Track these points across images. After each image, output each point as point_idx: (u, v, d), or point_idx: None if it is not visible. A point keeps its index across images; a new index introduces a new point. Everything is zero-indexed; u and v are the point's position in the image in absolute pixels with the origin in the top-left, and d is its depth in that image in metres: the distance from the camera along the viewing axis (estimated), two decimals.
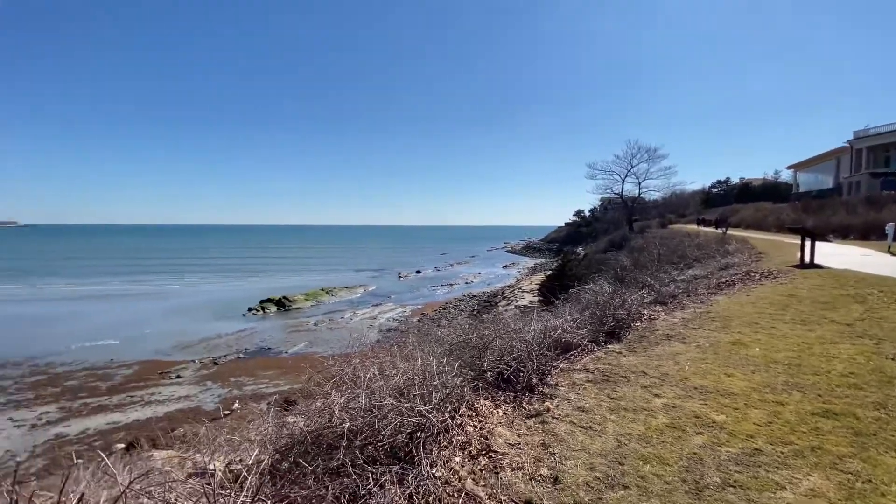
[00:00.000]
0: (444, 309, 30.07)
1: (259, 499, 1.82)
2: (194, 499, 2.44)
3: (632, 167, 47.60)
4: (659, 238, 25.78)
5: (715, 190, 63.40)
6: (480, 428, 4.09)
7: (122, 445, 11.81)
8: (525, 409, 4.52)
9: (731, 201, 52.52)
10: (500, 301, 30.31)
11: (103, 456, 2.46)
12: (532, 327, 5.72)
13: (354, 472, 3.16)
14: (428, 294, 38.30)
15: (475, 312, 27.27)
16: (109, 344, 22.23)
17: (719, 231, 27.01)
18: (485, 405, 4.48)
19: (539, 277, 38.36)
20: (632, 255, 20.05)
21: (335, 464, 3.31)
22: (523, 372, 5.00)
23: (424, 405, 3.84)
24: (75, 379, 17.38)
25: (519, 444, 3.78)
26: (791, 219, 27.32)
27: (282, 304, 32.12)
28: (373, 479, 3.11)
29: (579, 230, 74.45)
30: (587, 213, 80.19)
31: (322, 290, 37.43)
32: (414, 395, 3.99)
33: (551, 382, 5.05)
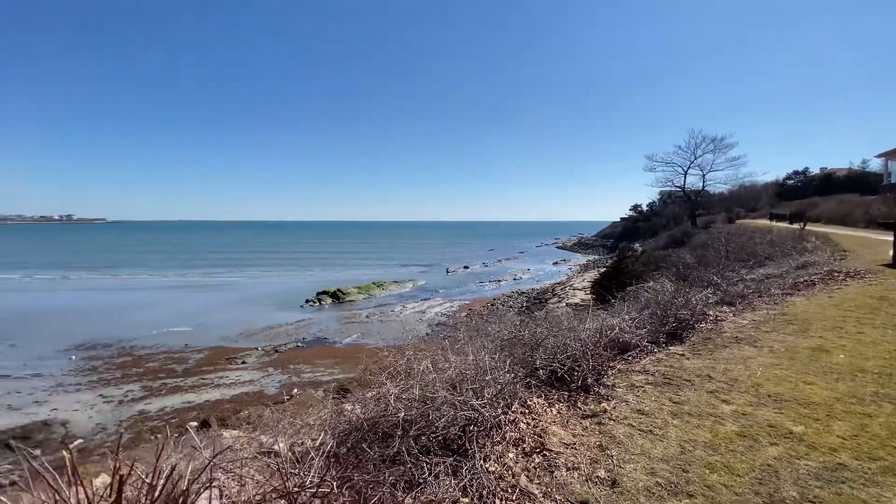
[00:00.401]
0: (492, 305, 29.93)
1: (326, 479, 1.91)
2: (266, 475, 2.63)
3: (695, 158, 44.55)
4: (725, 234, 24.02)
5: (791, 181, 57.99)
6: (534, 426, 4.05)
7: (195, 424, 12.85)
8: (580, 409, 4.41)
9: (809, 194, 47.83)
10: (550, 298, 29.70)
11: (191, 431, 2.70)
12: (587, 326, 5.56)
13: (410, 461, 3.25)
14: (476, 290, 38.30)
15: (524, 309, 26.94)
16: (184, 330, 24.27)
17: (795, 226, 24.72)
18: (538, 403, 4.42)
19: (592, 275, 37.16)
20: (695, 252, 18.86)
21: (391, 451, 3.41)
22: (578, 371, 4.88)
23: (477, 400, 3.86)
24: (155, 361, 19.15)
25: (574, 444, 3.70)
26: (882, 212, 24.46)
27: (336, 296, 33.46)
28: (427, 468, 3.18)
29: (636, 225, 70.99)
30: (645, 208, 76.29)
31: (373, 283, 38.54)
32: (466, 389, 4.02)
33: (608, 383, 4.89)
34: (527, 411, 4.29)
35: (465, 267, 55.19)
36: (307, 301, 32.43)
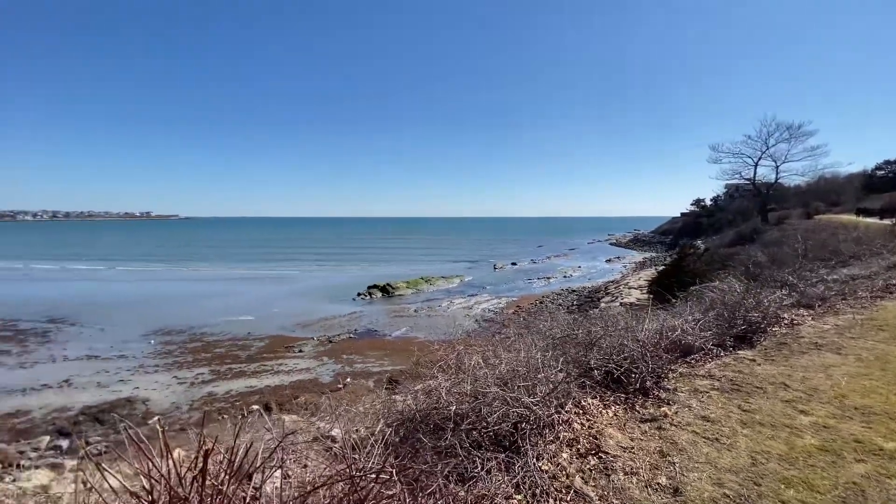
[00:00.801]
0: (541, 303, 29.39)
1: (385, 467, 1.98)
2: (326, 459, 2.76)
3: (767, 148, 40.88)
4: (802, 230, 21.98)
5: (881, 172, 51.84)
6: (589, 427, 3.94)
7: (257, 407, 13.72)
8: (638, 412, 4.25)
9: None
10: (602, 297, 28.68)
11: (264, 414, 2.88)
12: (645, 326, 5.32)
13: (462, 454, 3.28)
14: (524, 286, 37.78)
15: (574, 308, 26.23)
16: (247, 319, 25.93)
17: (887, 222, 22.13)
18: (593, 404, 4.30)
19: (649, 273, 35.45)
20: (767, 250, 17.42)
21: (443, 444, 3.46)
22: (635, 373, 4.69)
23: (529, 397, 3.82)
24: (222, 347, 20.63)
25: (632, 448, 3.56)
26: None
27: (386, 290, 34.32)
28: (480, 463, 3.19)
29: (698, 221, 66.59)
30: (708, 203, 71.31)
31: (421, 278, 39.11)
32: (518, 387, 3.98)
33: (668, 387, 4.66)
34: (581, 412, 4.19)
35: (513, 263, 54.56)
36: (358, 294, 33.51)
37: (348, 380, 16.05)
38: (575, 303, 28.73)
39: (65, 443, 11.94)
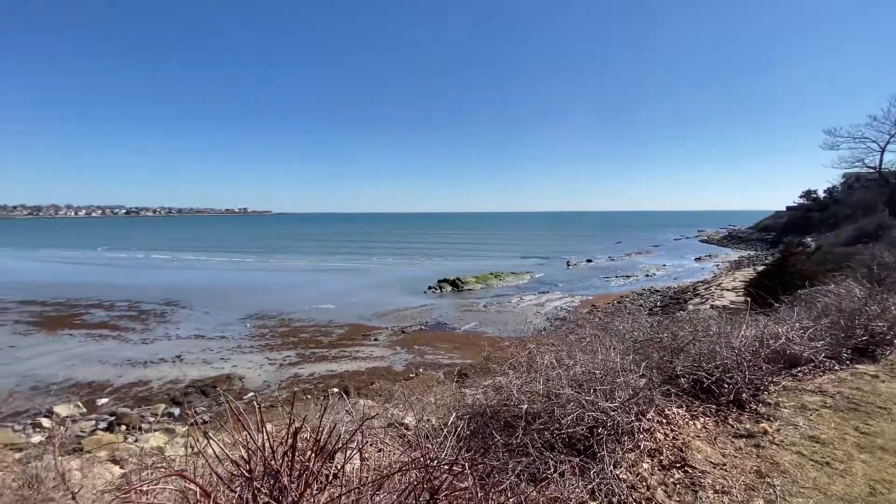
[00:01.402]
0: (619, 303, 27.84)
1: (458, 459, 2.00)
2: (400, 445, 2.88)
3: None
4: None
5: None
6: (673, 438, 3.67)
7: (337, 390, 14.64)
8: (732, 426, 3.87)
9: None
10: (690, 298, 26.43)
11: (344, 397, 3.06)
12: (742, 332, 4.81)
13: (534, 454, 3.22)
14: (600, 285, 36.04)
15: (657, 309, 24.50)
16: (328, 307, 27.75)
17: None
18: (678, 414, 3.99)
19: (746, 273, 31.98)
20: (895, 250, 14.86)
21: (514, 442, 3.42)
22: (729, 383, 4.27)
23: (607, 402, 3.64)
24: (307, 332, 22.29)
25: (724, 464, 3.25)
26: None
27: (455, 284, 34.72)
28: (553, 465, 3.11)
29: (808, 216, 58.35)
30: (822, 194, 62.25)
31: (491, 274, 38.96)
32: (594, 390, 3.81)
33: (769, 401, 4.19)
34: (664, 421, 3.91)
35: (588, 260, 52.22)
36: (429, 288, 34.27)
37: (420, 370, 16.51)
38: (658, 304, 26.84)
39: (176, 411, 13.70)
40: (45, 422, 12.73)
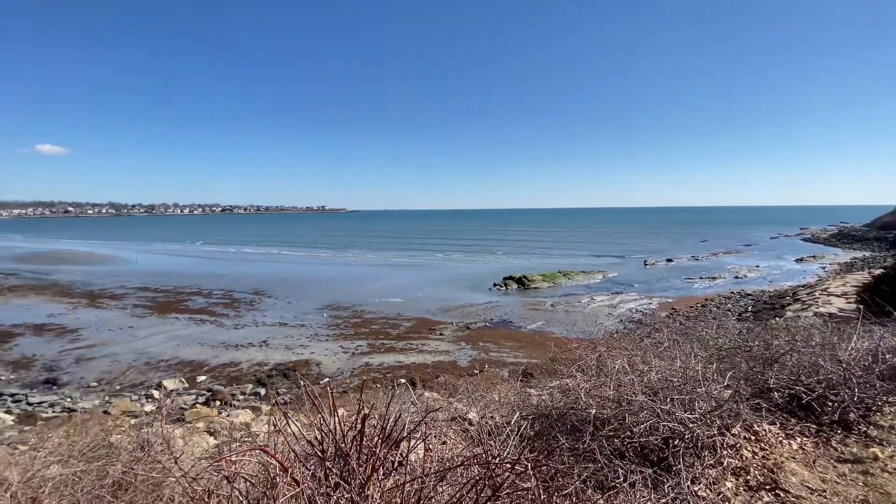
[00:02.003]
0: (704, 306, 25.65)
1: (521, 459, 1.97)
2: (463, 440, 2.91)
3: None
4: None
5: None
6: (763, 457, 3.32)
7: (404, 381, 15.12)
8: (835, 449, 3.42)
9: None
10: (789, 304, 23.62)
11: (410, 388, 3.16)
12: (852, 344, 4.21)
13: (602, 461, 3.08)
14: (681, 286, 33.45)
15: (748, 315, 22.23)
16: (396, 301, 28.75)
17: None
18: (770, 431, 3.60)
19: (859, 277, 27.89)
20: None
21: (581, 446, 3.30)
22: (833, 401, 3.77)
23: (685, 412, 3.38)
24: (377, 324, 23.28)
25: (823, 491, 2.89)
26: None
27: (521, 282, 34.18)
28: (622, 474, 2.96)
29: None
30: None
31: (559, 272, 37.81)
32: (671, 399, 3.56)
33: (882, 423, 3.64)
34: (753, 438, 3.55)
35: (668, 260, 48.65)
36: (494, 285, 34.10)
37: (484, 367, 16.52)
38: (749, 309, 24.34)
39: (262, 391, 15.00)
40: (156, 393, 14.62)
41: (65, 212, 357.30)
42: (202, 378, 16.08)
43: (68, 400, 14.06)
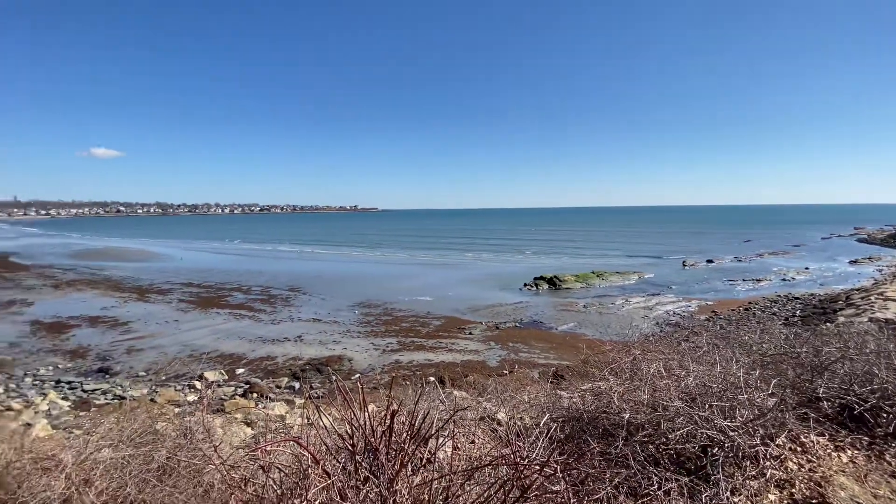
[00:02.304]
0: (747, 310, 24.42)
1: (550, 461, 1.95)
2: (491, 440, 2.91)
3: None
4: None
5: None
6: (810, 470, 3.14)
7: (433, 379, 15.21)
8: (889, 463, 3.19)
9: None
10: (841, 309, 22.15)
11: (438, 387, 3.18)
12: None
13: (635, 467, 3.00)
14: (722, 289, 31.98)
15: (796, 319, 21.01)
16: (426, 300, 28.94)
17: None
18: (818, 443, 3.40)
19: None
20: None
21: (613, 451, 3.22)
22: (889, 412, 3.51)
23: (725, 420, 3.24)
24: (407, 322, 23.51)
25: None
26: None
27: (553, 282, 33.63)
28: (656, 481, 2.87)
29: None
30: None
31: (592, 272, 36.96)
32: (710, 405, 3.42)
33: None
34: (799, 449, 3.36)
35: (709, 261, 46.62)
36: (525, 285, 33.72)
37: (514, 367, 16.39)
38: (797, 313, 23.00)
39: (296, 384, 15.46)
40: (198, 384, 15.34)
41: (117, 211, 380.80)
42: (241, 370, 16.74)
43: (119, 388, 14.97)
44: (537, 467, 1.93)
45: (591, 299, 28.74)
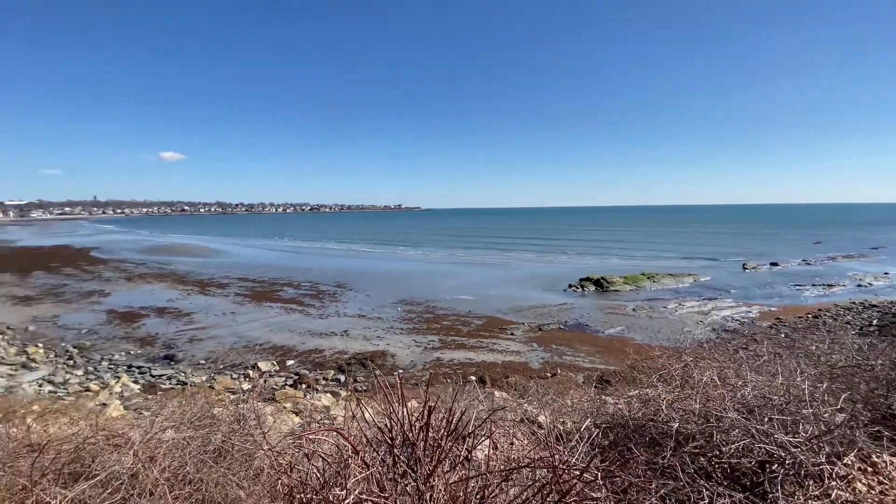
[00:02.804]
0: (816, 317, 22.49)
1: (590, 467, 1.90)
2: (530, 442, 2.87)
3: None
4: None
5: None
6: (881, 492, 2.86)
7: (474, 378, 15.21)
8: None
9: None
10: None
11: (478, 386, 3.19)
12: None
13: (685, 480, 2.86)
14: (788, 294, 29.61)
15: (873, 329, 19.09)
16: (468, 299, 28.96)
17: None
18: (891, 463, 3.09)
19: None
20: None
21: (660, 461, 3.09)
22: None
23: (786, 435, 3.01)
24: (448, 321, 23.65)
25: None
26: None
27: (600, 284, 32.57)
28: (707, 496, 2.72)
29: None
30: None
31: (643, 274, 35.43)
32: (769, 419, 3.19)
33: None
34: (869, 469, 3.07)
35: (773, 264, 43.31)
36: (570, 286, 32.90)
37: (557, 370, 16.05)
38: (874, 322, 20.90)
39: (342, 377, 15.99)
40: (251, 373, 16.24)
41: (182, 210, 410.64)
42: (291, 362, 17.54)
43: (182, 374, 16.15)
44: (577, 472, 1.88)
45: (641, 302, 27.57)
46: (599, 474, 1.89)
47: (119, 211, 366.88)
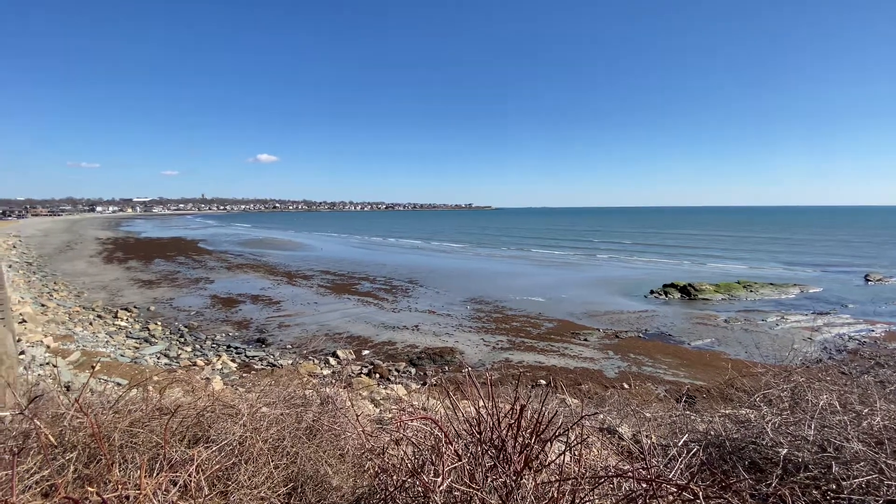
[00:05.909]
0: None
1: (690, 485, 1.79)
2: (610, 452, 2.76)
3: None
4: None
5: None
6: None
7: (544, 382, 14.88)
8: None
9: None
10: None
11: (564, 392, 3.15)
12: None
13: None
14: None
15: None
16: (539, 300, 28.32)
17: None
18: None
19: None
20: None
21: (765, 489, 2.81)
22: None
23: None
24: (517, 322, 23.34)
25: None
26: None
27: (686, 291, 30.10)
28: None
29: None
30: None
31: (738, 282, 32.13)
32: None
33: None
34: None
35: None
36: (651, 292, 30.82)
37: (636, 382, 15.15)
38: None
39: (413, 370, 16.49)
40: (331, 360, 17.34)
41: (273, 207, 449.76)
42: (366, 352, 18.47)
43: (271, 357, 17.70)
44: (675, 489, 1.78)
45: (735, 313, 25.05)
46: (701, 493, 1.77)
47: (222, 207, 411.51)
